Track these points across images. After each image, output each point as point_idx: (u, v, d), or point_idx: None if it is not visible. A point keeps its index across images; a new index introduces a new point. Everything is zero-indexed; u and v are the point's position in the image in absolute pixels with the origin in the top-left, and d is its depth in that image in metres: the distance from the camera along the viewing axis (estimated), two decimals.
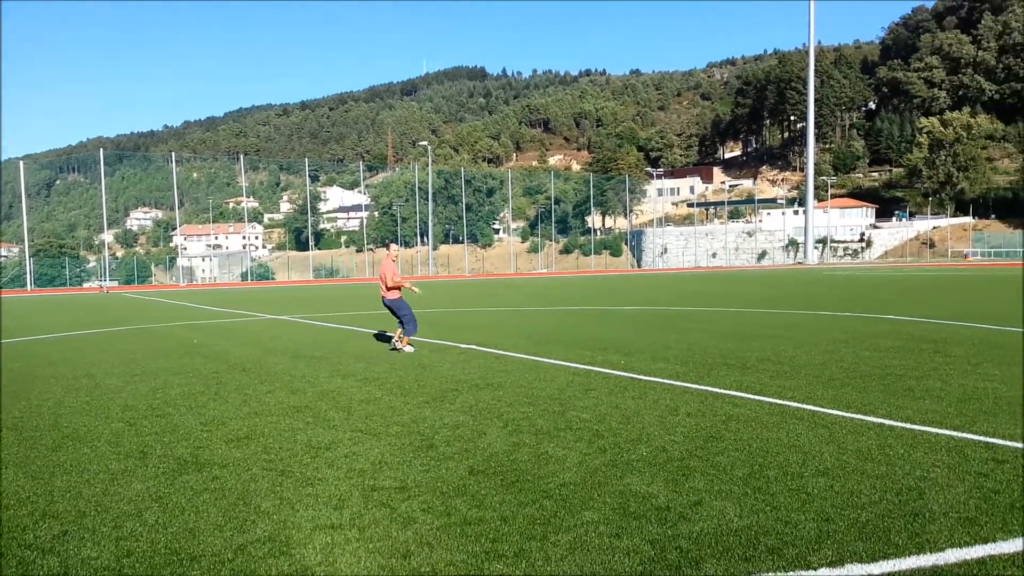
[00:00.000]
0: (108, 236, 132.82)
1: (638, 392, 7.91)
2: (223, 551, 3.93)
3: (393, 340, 11.84)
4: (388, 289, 11.91)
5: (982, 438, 5.76)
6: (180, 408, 7.72)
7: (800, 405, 7.07)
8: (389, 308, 11.94)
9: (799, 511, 4.28)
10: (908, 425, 6.21)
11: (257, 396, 8.27)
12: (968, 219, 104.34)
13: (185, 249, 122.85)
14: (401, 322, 11.77)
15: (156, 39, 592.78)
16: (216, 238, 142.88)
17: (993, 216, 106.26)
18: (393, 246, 12.44)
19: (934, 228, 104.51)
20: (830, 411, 6.79)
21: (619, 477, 4.99)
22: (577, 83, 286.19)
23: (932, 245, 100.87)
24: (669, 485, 4.79)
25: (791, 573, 3.49)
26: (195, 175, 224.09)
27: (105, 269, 70.46)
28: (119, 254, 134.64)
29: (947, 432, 5.95)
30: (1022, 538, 3.83)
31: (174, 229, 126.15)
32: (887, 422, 6.33)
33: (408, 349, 11.63)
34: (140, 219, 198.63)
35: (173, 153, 77.55)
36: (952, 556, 3.62)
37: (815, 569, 3.53)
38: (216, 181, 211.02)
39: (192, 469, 5.47)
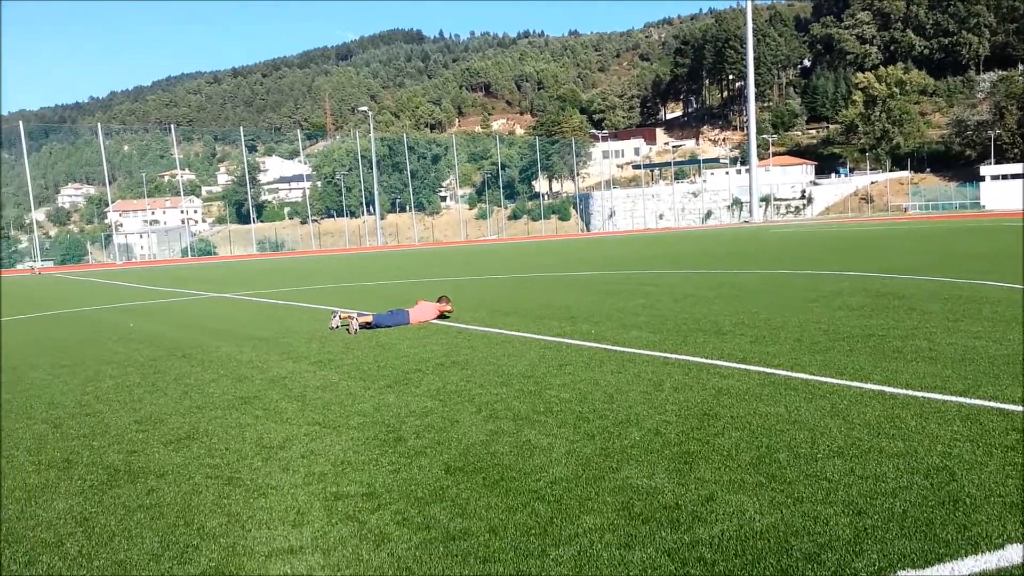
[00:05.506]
0: (39, 214, 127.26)
1: (616, 365, 7.38)
2: None
3: (354, 321, 10.83)
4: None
5: (993, 403, 5.37)
6: (112, 404, 6.93)
7: (790, 373, 6.62)
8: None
9: (825, 503, 3.79)
10: (910, 392, 5.80)
11: (199, 386, 7.51)
12: (905, 173, 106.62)
13: (121, 226, 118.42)
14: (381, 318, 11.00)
15: (74, 5, 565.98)
16: (153, 213, 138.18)
17: (928, 169, 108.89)
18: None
19: (872, 183, 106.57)
20: (823, 379, 6.35)
21: (615, 469, 4.44)
22: (516, 45, 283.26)
23: (871, 200, 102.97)
24: (673, 476, 4.26)
25: None
26: (126, 148, 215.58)
27: (37, 249, 67.47)
28: (52, 233, 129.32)
29: (954, 398, 5.55)
30: None
31: (107, 205, 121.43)
32: (887, 389, 5.92)
33: (335, 323, 10.91)
34: (72, 195, 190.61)
35: (100, 125, 74.03)
36: (1016, 554, 3.16)
37: None
38: (149, 154, 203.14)
39: (124, 480, 4.75)
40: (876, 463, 4.31)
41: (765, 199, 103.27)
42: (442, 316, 11.60)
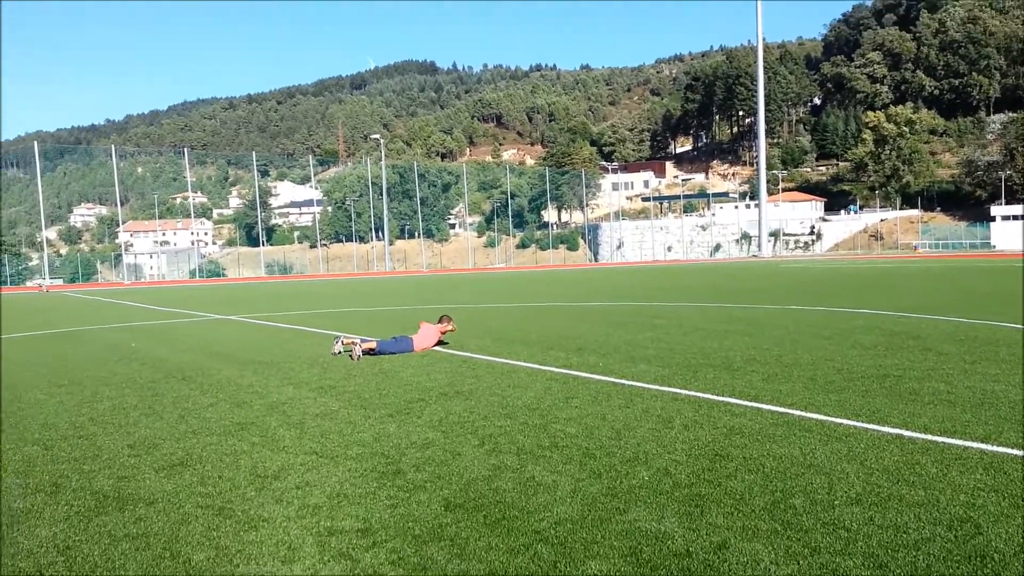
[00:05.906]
0: (51, 233, 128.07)
1: (624, 400, 7.19)
2: None
3: (357, 347, 10.65)
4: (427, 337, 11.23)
5: (1016, 451, 5.16)
6: (107, 427, 6.77)
7: (804, 413, 6.42)
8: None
9: (844, 554, 3.59)
10: (929, 436, 5.60)
11: (197, 411, 7.35)
12: (915, 212, 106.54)
13: (131, 246, 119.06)
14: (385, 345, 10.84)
15: (96, 31, 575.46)
16: (164, 234, 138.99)
17: (938, 209, 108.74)
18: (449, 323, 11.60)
19: (882, 221, 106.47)
20: (839, 420, 6.15)
21: (622, 510, 4.25)
22: (528, 78, 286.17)
23: (880, 237, 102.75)
24: (683, 520, 4.07)
25: None
26: (139, 170, 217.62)
27: (45, 267, 67.78)
28: (63, 251, 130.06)
29: (975, 444, 5.35)
30: None
31: (119, 225, 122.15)
32: (905, 433, 5.71)
33: (338, 349, 10.76)
34: (84, 215, 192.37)
35: (115, 147, 74.68)
36: None
37: None
38: (162, 176, 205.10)
39: (113, 507, 4.58)
40: (896, 512, 4.11)
41: (774, 234, 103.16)
42: (440, 343, 11.44)
